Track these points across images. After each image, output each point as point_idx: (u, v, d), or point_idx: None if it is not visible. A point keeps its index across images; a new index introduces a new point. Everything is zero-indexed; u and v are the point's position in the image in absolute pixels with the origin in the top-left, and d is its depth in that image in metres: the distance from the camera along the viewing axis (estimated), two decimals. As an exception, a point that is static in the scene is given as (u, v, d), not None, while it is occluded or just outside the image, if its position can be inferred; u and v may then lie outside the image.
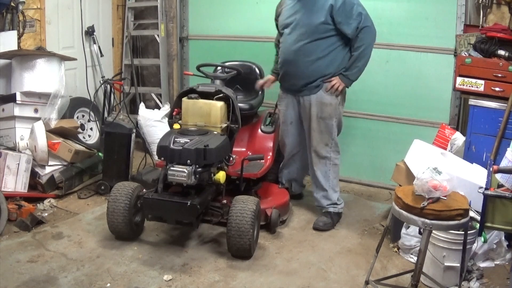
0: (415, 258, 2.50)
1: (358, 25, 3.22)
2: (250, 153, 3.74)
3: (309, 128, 3.48)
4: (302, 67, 3.36)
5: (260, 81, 3.81)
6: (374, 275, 2.71)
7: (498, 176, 2.33)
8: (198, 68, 3.72)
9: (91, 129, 4.55)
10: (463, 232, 2.36)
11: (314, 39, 3.29)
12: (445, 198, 2.23)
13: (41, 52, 4.07)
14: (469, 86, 3.51)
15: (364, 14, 3.24)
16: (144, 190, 3.21)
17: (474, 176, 2.94)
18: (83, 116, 4.46)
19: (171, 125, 3.28)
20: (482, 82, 3.44)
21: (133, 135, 4.03)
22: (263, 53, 4.37)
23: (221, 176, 3.12)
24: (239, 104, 3.40)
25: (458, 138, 3.58)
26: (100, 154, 4.15)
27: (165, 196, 2.96)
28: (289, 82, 3.51)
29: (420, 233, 2.35)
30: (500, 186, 2.34)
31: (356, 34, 3.25)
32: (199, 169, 2.90)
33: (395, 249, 3.18)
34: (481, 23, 3.81)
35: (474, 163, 3.28)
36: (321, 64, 3.34)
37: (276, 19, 3.63)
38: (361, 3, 3.28)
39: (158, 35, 5.09)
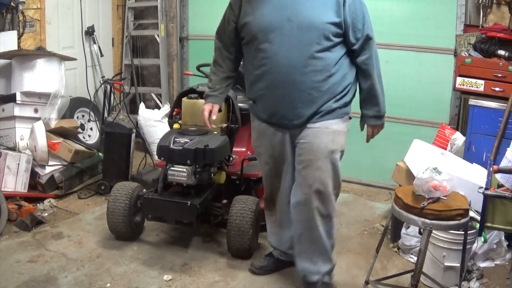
0: (415, 258, 2.50)
1: (363, 33, 2.33)
2: (250, 153, 3.74)
3: (310, 169, 2.40)
4: (308, 90, 2.30)
5: (206, 118, 2.59)
6: (374, 275, 2.71)
7: (498, 176, 2.33)
8: (198, 68, 3.72)
9: (91, 129, 4.55)
10: (463, 232, 2.36)
11: (323, 48, 2.25)
12: (445, 198, 2.23)
13: (41, 52, 4.07)
14: (469, 86, 3.51)
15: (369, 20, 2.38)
16: (144, 190, 3.21)
17: (474, 176, 2.94)
18: (83, 116, 4.46)
19: (171, 125, 3.27)
20: (482, 82, 3.44)
21: (133, 135, 4.03)
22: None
23: (221, 176, 3.12)
24: (239, 104, 3.39)
25: (458, 138, 3.58)
26: (100, 154, 4.15)
27: (165, 196, 2.96)
28: (281, 114, 2.38)
29: (420, 233, 2.35)
30: (500, 186, 2.34)
31: (360, 46, 2.35)
32: (199, 169, 2.90)
33: (395, 249, 3.18)
34: (481, 23, 3.81)
35: (474, 163, 3.28)
36: (334, 81, 2.33)
37: (234, 21, 2.42)
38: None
39: (158, 35, 5.09)
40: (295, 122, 2.38)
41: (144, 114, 4.67)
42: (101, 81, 4.34)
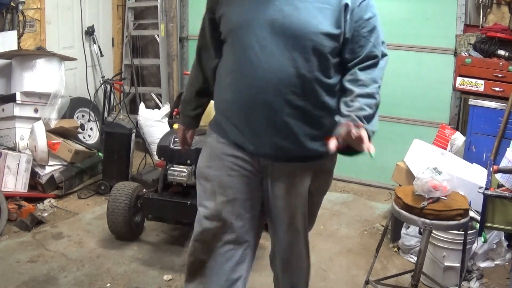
0: (415, 258, 2.50)
1: (369, 48, 1.67)
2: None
3: (287, 213, 1.86)
4: (301, 119, 1.69)
5: (180, 140, 2.10)
6: (374, 275, 2.71)
7: (498, 176, 2.33)
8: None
9: (91, 129, 4.55)
10: (463, 232, 2.36)
11: (321, 67, 1.65)
12: (445, 198, 2.23)
13: (41, 52, 4.07)
14: (469, 86, 3.51)
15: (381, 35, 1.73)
16: (144, 190, 3.21)
17: (474, 176, 2.94)
18: (83, 116, 4.46)
19: (171, 125, 3.27)
20: (482, 82, 3.45)
21: (133, 135, 4.03)
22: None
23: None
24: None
25: (458, 138, 3.58)
26: (100, 154, 4.15)
27: (165, 196, 2.96)
28: (261, 143, 1.73)
29: (420, 233, 2.35)
30: (500, 186, 2.34)
31: (360, 62, 1.67)
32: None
33: (395, 249, 3.18)
34: (481, 23, 3.81)
35: (474, 163, 3.28)
36: (331, 108, 1.71)
37: (211, 10, 1.82)
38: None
39: (158, 35, 5.09)
40: (270, 154, 1.76)
41: (144, 114, 4.67)
42: (101, 81, 4.34)
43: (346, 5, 1.61)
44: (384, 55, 1.71)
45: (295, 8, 1.62)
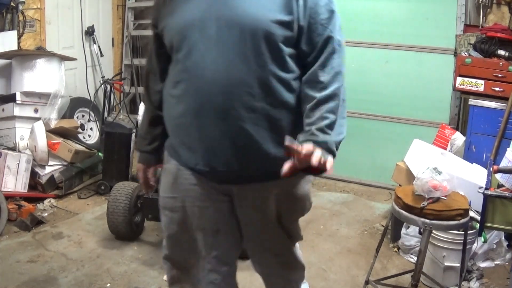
0: (415, 258, 2.50)
1: (327, 35, 1.48)
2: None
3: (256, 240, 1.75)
4: (261, 123, 1.48)
5: (141, 181, 1.86)
6: (374, 275, 2.71)
7: (498, 176, 2.33)
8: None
9: (91, 129, 4.55)
10: (463, 232, 2.36)
11: (275, 59, 1.46)
12: (445, 198, 2.23)
13: (41, 52, 4.07)
14: (469, 86, 3.52)
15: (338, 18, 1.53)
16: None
17: (474, 176, 2.94)
18: (83, 116, 4.46)
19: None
20: (482, 82, 3.45)
21: (133, 135, 4.03)
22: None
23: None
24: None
25: (458, 138, 3.58)
26: (100, 154, 4.15)
27: (165, 196, 2.95)
28: (218, 161, 1.51)
29: (420, 233, 2.36)
30: (500, 186, 2.34)
31: (319, 54, 1.48)
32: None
33: (395, 249, 3.18)
34: (481, 23, 3.82)
35: (474, 163, 3.28)
36: (289, 116, 1.51)
37: (155, 25, 1.64)
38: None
39: (158, 35, 5.09)
40: (223, 175, 1.55)
41: (144, 114, 4.66)
42: (101, 81, 4.34)
43: None
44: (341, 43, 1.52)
45: (237, 2, 1.44)
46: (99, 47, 4.83)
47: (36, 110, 3.93)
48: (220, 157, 1.49)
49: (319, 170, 1.33)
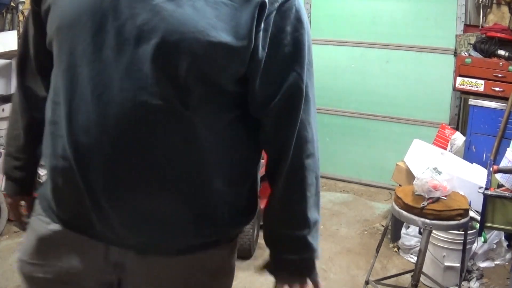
0: (415, 258, 2.50)
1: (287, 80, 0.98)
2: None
3: None
4: (174, 172, 0.96)
5: (13, 217, 1.35)
6: (374, 275, 2.71)
7: (498, 176, 2.33)
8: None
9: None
10: (463, 232, 2.36)
11: (210, 101, 0.96)
12: (445, 198, 2.23)
13: (41, 52, 4.07)
14: (469, 86, 3.51)
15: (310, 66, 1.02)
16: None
17: (474, 176, 2.94)
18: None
19: None
20: (482, 82, 3.45)
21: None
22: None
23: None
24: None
25: (458, 138, 3.58)
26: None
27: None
28: (107, 219, 0.98)
29: (420, 233, 2.36)
30: (500, 186, 2.34)
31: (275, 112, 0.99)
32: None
33: (395, 249, 3.18)
34: (481, 23, 3.81)
35: (474, 163, 3.28)
36: (220, 171, 1.01)
37: (36, 1, 1.04)
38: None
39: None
40: (122, 237, 1.03)
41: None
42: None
43: (262, 5, 0.91)
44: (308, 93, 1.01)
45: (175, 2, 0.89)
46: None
47: (36, 110, 3.93)
48: (110, 215, 0.98)
49: None
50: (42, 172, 3.83)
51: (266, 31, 0.93)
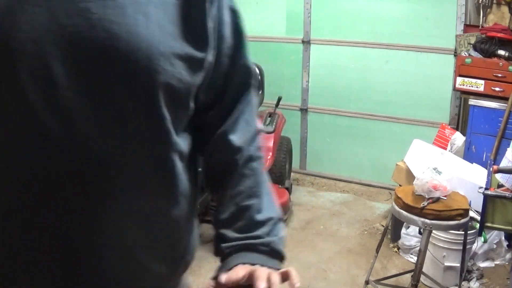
0: (415, 258, 2.50)
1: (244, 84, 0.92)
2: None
3: None
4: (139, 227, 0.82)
5: None
6: (374, 275, 2.71)
7: (498, 176, 2.33)
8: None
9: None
10: (463, 232, 2.36)
11: (178, 124, 0.81)
12: (445, 198, 2.23)
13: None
14: (469, 86, 3.51)
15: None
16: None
17: (474, 176, 2.94)
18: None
19: None
20: (482, 82, 3.45)
21: None
22: (263, 53, 4.36)
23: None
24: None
25: (458, 138, 3.58)
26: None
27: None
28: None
29: (420, 233, 2.36)
30: (500, 186, 2.34)
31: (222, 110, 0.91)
32: (199, 169, 2.89)
33: (395, 249, 3.18)
34: (481, 23, 3.81)
35: (474, 163, 3.28)
36: (184, 203, 0.90)
37: None
38: None
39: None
40: None
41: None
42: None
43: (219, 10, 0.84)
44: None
45: (115, 5, 0.70)
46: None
47: (36, 110, 3.92)
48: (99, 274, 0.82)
49: None
50: None
51: (214, 28, 0.83)
